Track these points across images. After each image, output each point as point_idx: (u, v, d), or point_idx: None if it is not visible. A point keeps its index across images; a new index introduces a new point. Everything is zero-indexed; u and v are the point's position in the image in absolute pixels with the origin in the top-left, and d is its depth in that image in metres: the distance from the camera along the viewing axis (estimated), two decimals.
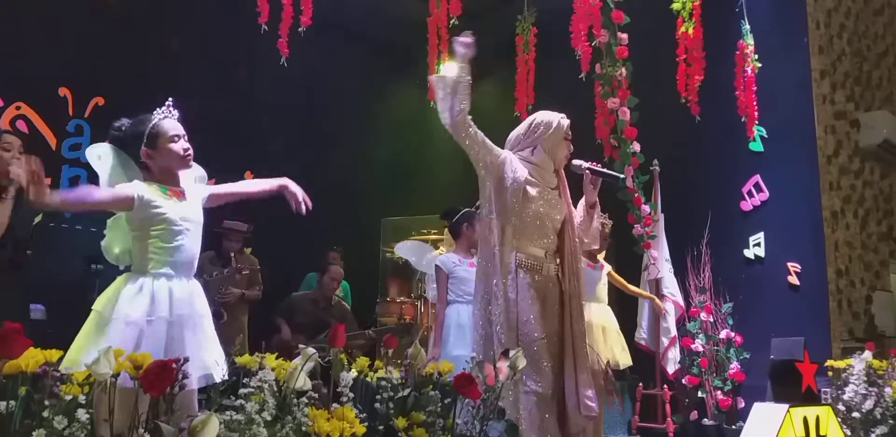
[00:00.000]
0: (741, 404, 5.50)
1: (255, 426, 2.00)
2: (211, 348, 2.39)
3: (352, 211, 7.29)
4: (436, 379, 2.60)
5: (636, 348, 5.45)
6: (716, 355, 5.67)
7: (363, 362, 2.63)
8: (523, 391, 2.87)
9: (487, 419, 2.54)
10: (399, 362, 2.68)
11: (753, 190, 5.78)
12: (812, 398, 3.65)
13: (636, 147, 4.72)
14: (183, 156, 2.51)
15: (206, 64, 6.29)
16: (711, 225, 5.93)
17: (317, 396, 2.24)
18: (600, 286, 4.71)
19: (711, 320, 5.78)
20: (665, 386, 5.53)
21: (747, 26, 5.59)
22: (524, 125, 3.26)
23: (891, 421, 3.83)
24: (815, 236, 5.31)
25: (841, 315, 5.23)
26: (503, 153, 3.13)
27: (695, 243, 5.94)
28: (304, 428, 2.11)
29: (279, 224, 6.43)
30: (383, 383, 2.56)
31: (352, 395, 2.36)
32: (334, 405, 2.27)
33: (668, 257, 5.85)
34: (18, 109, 5.42)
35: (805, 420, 3.40)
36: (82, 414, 1.75)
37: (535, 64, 6.04)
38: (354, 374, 2.48)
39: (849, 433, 3.73)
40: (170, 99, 2.57)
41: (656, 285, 5.71)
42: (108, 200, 2.42)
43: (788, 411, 3.35)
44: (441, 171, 7.88)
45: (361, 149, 7.75)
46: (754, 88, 5.48)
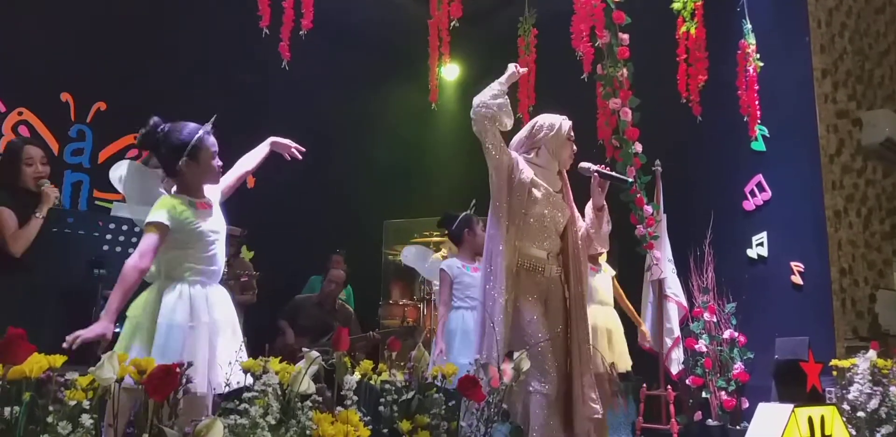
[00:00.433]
0: (745, 404, 5.47)
1: (260, 430, 2.00)
2: (241, 352, 2.45)
3: (353, 214, 7.29)
4: (440, 382, 2.60)
5: (639, 350, 5.44)
6: (719, 356, 5.65)
7: (367, 365, 2.63)
8: (528, 391, 2.87)
9: (492, 421, 2.53)
10: (402, 364, 2.68)
11: (756, 189, 5.76)
12: (817, 398, 3.63)
13: (638, 148, 4.71)
14: (218, 172, 2.62)
15: (208, 68, 6.30)
16: (714, 225, 5.92)
17: (321, 399, 2.24)
18: (606, 289, 4.70)
19: (715, 320, 5.76)
20: (669, 387, 5.51)
21: (748, 25, 5.57)
22: (527, 128, 3.27)
23: None
24: (818, 236, 5.29)
25: (845, 314, 5.22)
26: (514, 154, 3.16)
27: (697, 243, 5.92)
28: (308, 432, 2.10)
29: (281, 227, 6.48)
30: (387, 386, 2.57)
31: (356, 398, 2.35)
32: (338, 408, 2.27)
33: (671, 257, 5.83)
34: (20, 114, 5.44)
35: (810, 420, 3.38)
36: (86, 419, 1.75)
37: (537, 65, 6.03)
38: (358, 377, 2.48)
39: (854, 432, 3.71)
40: (214, 115, 2.62)
41: (659, 285, 5.70)
42: (152, 254, 2.40)
43: (793, 411, 3.33)
44: (442, 173, 7.89)
45: (363, 151, 7.74)
46: (756, 88, 5.46)
